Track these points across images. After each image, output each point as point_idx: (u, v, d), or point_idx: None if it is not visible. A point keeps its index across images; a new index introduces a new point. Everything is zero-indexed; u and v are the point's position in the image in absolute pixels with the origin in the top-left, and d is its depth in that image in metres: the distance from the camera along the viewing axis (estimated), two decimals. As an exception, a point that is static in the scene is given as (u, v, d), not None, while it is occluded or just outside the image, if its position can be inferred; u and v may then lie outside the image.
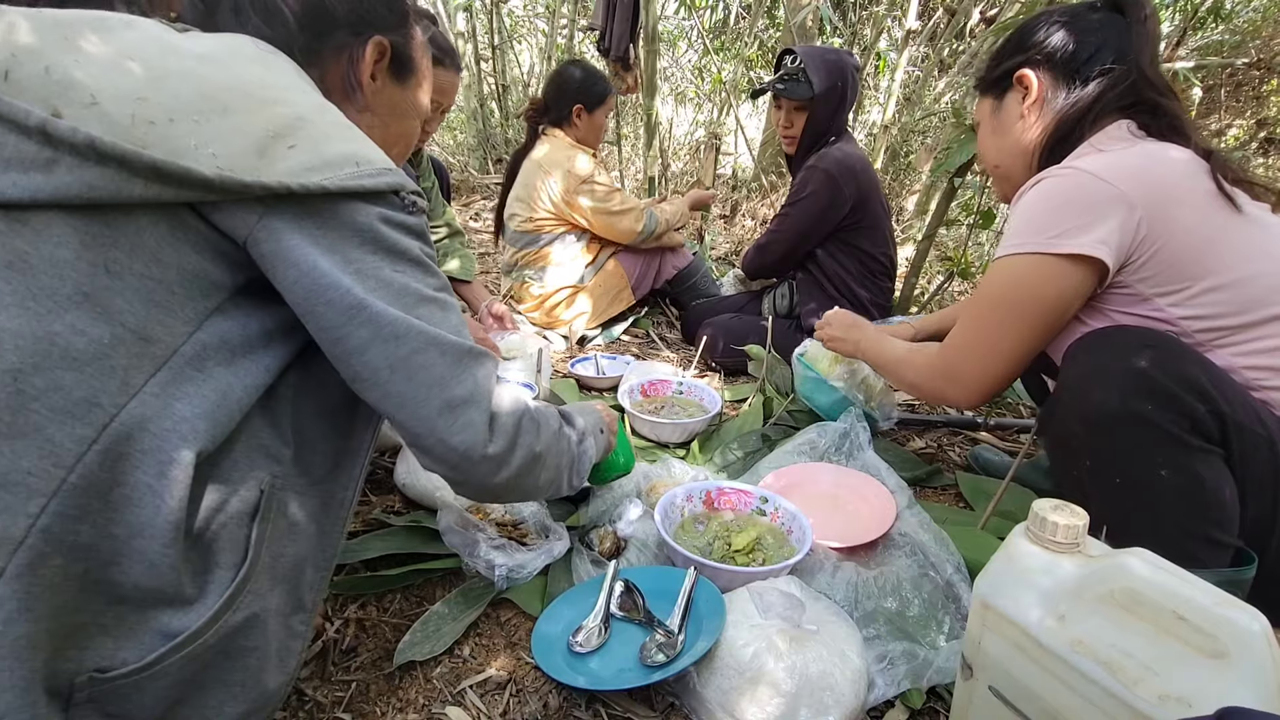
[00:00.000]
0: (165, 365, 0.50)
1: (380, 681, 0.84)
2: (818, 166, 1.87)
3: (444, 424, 0.62)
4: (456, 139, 6.05)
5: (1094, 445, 0.83)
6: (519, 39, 6.00)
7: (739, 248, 3.62)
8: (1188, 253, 0.85)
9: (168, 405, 0.50)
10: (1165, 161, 0.88)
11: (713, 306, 2.26)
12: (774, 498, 1.12)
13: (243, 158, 0.52)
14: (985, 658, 0.67)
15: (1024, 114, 1.02)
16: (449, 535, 1.02)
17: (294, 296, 0.57)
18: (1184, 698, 0.53)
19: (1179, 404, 0.77)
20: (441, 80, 1.62)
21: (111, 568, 0.48)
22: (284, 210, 0.54)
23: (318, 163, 0.55)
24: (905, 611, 0.92)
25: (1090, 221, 0.86)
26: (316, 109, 0.59)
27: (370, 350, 0.58)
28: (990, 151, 1.11)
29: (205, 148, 0.51)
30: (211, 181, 0.50)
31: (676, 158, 5.24)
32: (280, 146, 0.54)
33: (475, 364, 0.64)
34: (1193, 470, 0.78)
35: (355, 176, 0.57)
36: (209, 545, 0.53)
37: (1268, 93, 4.28)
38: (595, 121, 2.20)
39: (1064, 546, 0.63)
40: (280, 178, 0.53)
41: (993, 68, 1.07)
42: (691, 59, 6.29)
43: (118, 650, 0.49)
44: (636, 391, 1.66)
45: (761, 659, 0.78)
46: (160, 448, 0.49)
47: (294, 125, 0.56)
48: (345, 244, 0.57)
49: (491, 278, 2.82)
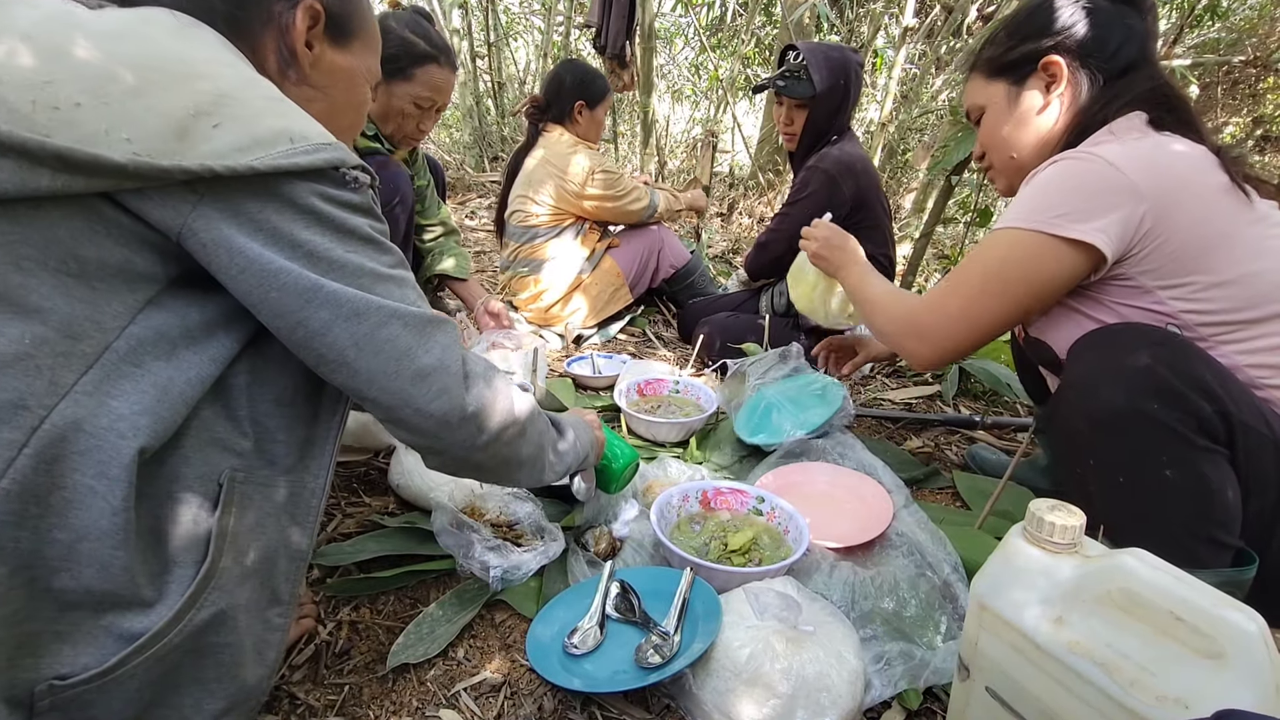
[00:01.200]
0: (97, 363, 0.48)
1: (374, 684, 0.84)
2: (818, 167, 1.87)
3: (418, 393, 0.61)
4: (452, 137, 6.04)
5: (1099, 444, 0.82)
6: (515, 36, 5.99)
7: (736, 246, 3.62)
8: (1193, 247, 0.84)
9: (102, 404, 0.48)
10: (1179, 154, 0.87)
11: (709, 305, 2.26)
12: (770, 498, 1.12)
13: (160, 140, 0.48)
14: (982, 658, 0.67)
15: (1049, 104, 0.98)
16: (444, 536, 1.02)
17: (241, 288, 0.54)
18: (1181, 699, 0.53)
19: (1186, 403, 0.76)
20: (437, 78, 1.61)
21: (60, 573, 0.46)
22: (218, 197, 0.51)
23: (246, 142, 0.51)
24: (902, 612, 0.92)
25: (1096, 209, 0.85)
26: (243, 83, 0.55)
27: (333, 331, 0.56)
28: (1004, 142, 1.05)
29: (117, 132, 0.47)
30: (125, 168, 0.47)
31: (673, 155, 5.23)
32: (203, 126, 0.50)
33: (438, 330, 0.63)
34: (1198, 470, 0.77)
35: (289, 154, 0.53)
36: (166, 544, 0.52)
37: (1264, 90, 4.29)
38: (596, 118, 2.23)
39: (1061, 547, 0.63)
40: (203, 160, 0.49)
41: (1007, 49, 1.01)
42: (688, 56, 6.28)
43: (76, 656, 0.48)
44: (633, 390, 1.66)
45: (758, 660, 0.78)
46: (98, 447, 0.47)
47: (217, 102, 0.52)
48: (290, 227, 0.54)
49: (488, 276, 2.81)
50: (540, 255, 2.20)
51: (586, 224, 2.25)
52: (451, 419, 0.64)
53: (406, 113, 1.64)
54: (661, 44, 5.75)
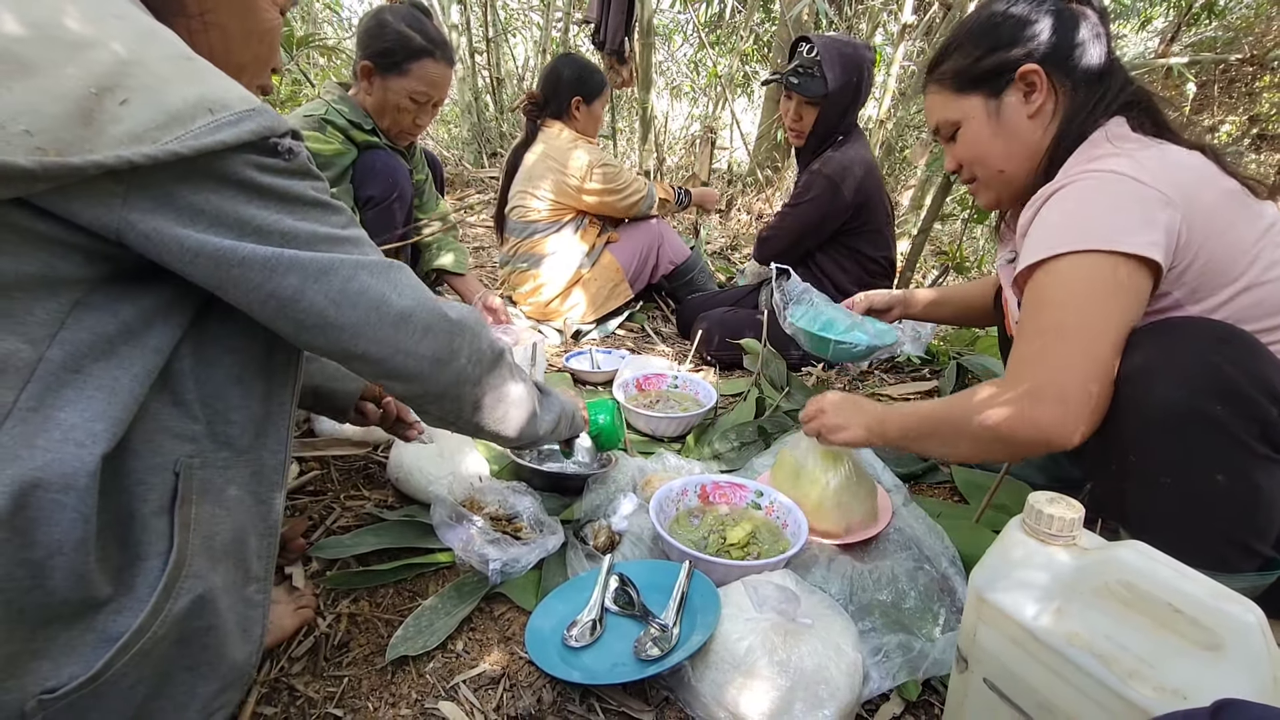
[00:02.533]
0: (33, 376, 0.46)
1: (372, 677, 0.84)
2: (821, 171, 1.85)
3: (404, 335, 0.61)
4: (451, 133, 6.03)
5: (1148, 441, 0.77)
6: (513, 32, 5.97)
7: (735, 242, 3.62)
8: (1220, 259, 0.82)
9: (49, 417, 0.46)
10: (1188, 165, 0.85)
11: (708, 300, 2.26)
12: (769, 492, 1.12)
13: (64, 128, 0.43)
14: (980, 650, 0.67)
15: (1033, 114, 0.95)
16: (442, 529, 1.01)
17: (199, 274, 0.51)
18: (1179, 690, 0.53)
19: (1253, 408, 0.72)
20: (433, 73, 1.61)
21: (34, 592, 0.45)
22: (145, 187, 0.47)
23: (161, 118, 0.46)
24: (901, 604, 0.92)
25: (1142, 223, 0.79)
26: (140, 38, 0.48)
27: (306, 294, 0.54)
28: (991, 156, 1.00)
29: (14, 124, 0.42)
30: (33, 172, 0.42)
31: (672, 152, 5.22)
32: (108, 105, 0.45)
33: (401, 273, 0.62)
34: (1251, 479, 0.73)
35: (213, 128, 0.48)
36: (131, 540, 0.51)
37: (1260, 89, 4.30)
38: (594, 113, 2.22)
39: (1059, 539, 0.63)
40: (118, 150, 0.44)
41: (976, 60, 0.97)
42: (687, 53, 6.27)
43: (59, 669, 0.47)
44: (631, 385, 1.66)
45: (756, 653, 0.78)
46: (59, 460, 0.45)
47: (119, 72, 0.46)
48: (231, 206, 0.51)
49: (486, 272, 2.80)
50: (540, 250, 2.19)
51: (586, 219, 2.25)
52: (442, 355, 0.64)
53: (403, 107, 1.64)
54: (660, 40, 5.74)
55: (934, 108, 1.05)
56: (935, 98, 1.04)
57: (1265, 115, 4.27)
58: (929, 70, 1.05)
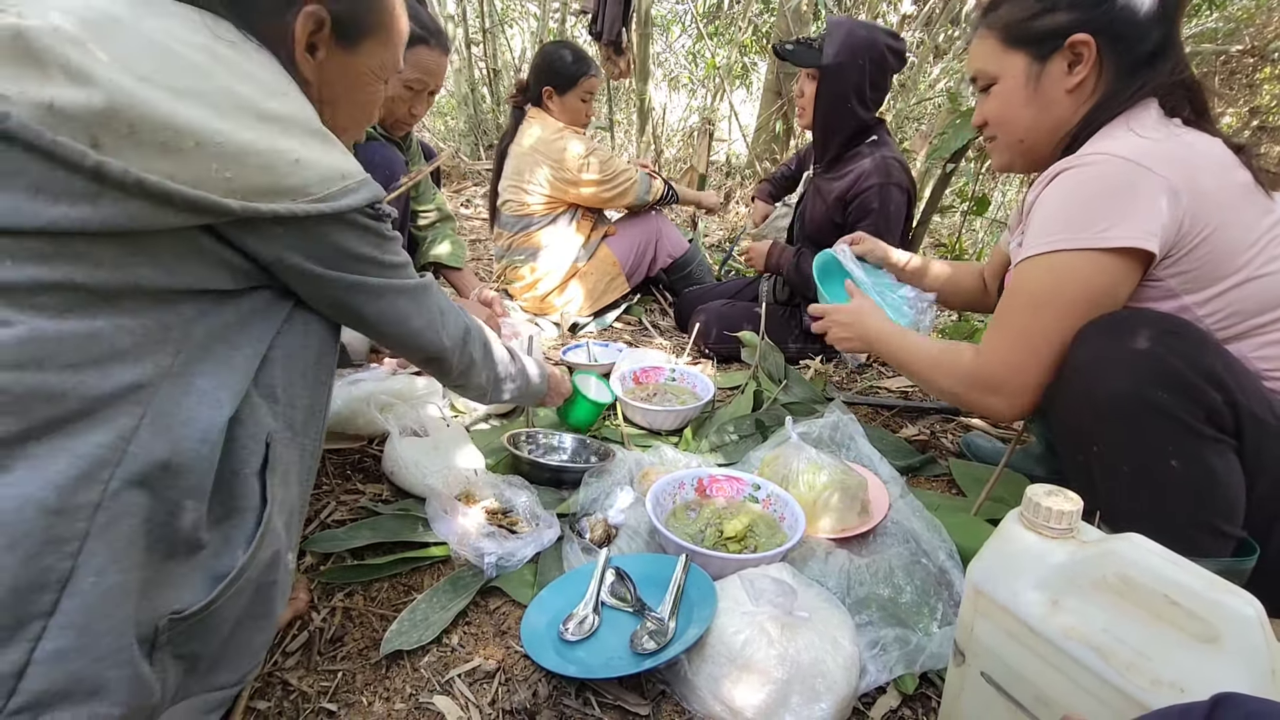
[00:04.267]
0: (183, 348, 0.57)
1: (367, 671, 0.83)
2: (888, 184, 1.75)
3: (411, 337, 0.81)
4: (447, 124, 5.99)
5: (1103, 431, 0.81)
6: (510, 23, 5.93)
7: (733, 235, 3.60)
8: (1222, 251, 0.81)
9: (191, 382, 0.57)
10: (1204, 154, 0.84)
11: (705, 293, 2.25)
12: (766, 484, 1.12)
13: (255, 177, 0.57)
14: (977, 644, 0.67)
15: (1072, 88, 0.91)
16: (437, 522, 1.01)
17: (304, 291, 0.68)
18: (1176, 683, 0.52)
19: (1195, 393, 0.75)
20: (427, 60, 1.59)
21: (168, 525, 0.54)
22: (300, 230, 0.63)
23: (316, 179, 0.61)
24: (898, 598, 0.92)
25: (1136, 210, 0.80)
26: (302, 115, 0.63)
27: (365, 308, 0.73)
28: (1019, 123, 0.97)
29: (223, 171, 0.55)
30: (235, 211, 0.56)
31: (670, 143, 5.20)
32: (285, 163, 0.59)
33: (425, 295, 0.82)
34: (1204, 461, 0.76)
35: (344, 192, 0.64)
36: (233, 494, 0.60)
37: (1261, 80, 4.28)
38: (567, 105, 2.13)
39: (1058, 532, 0.62)
40: (290, 206, 0.59)
41: (1034, 15, 0.91)
42: (685, 44, 6.23)
43: (181, 595, 0.56)
44: (629, 378, 1.65)
45: (753, 646, 0.78)
46: (196, 418, 0.56)
47: (287, 135, 0.60)
48: (349, 245, 0.68)
49: (483, 264, 2.79)
50: (534, 244, 2.18)
51: (580, 210, 2.22)
52: (432, 351, 0.85)
53: (398, 96, 1.62)
54: (658, 31, 5.71)
55: (977, 55, 1.01)
56: (981, 44, 1.00)
57: (1266, 107, 4.26)
58: (984, 10, 1.01)
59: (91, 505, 0.49)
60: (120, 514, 0.51)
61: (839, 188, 1.83)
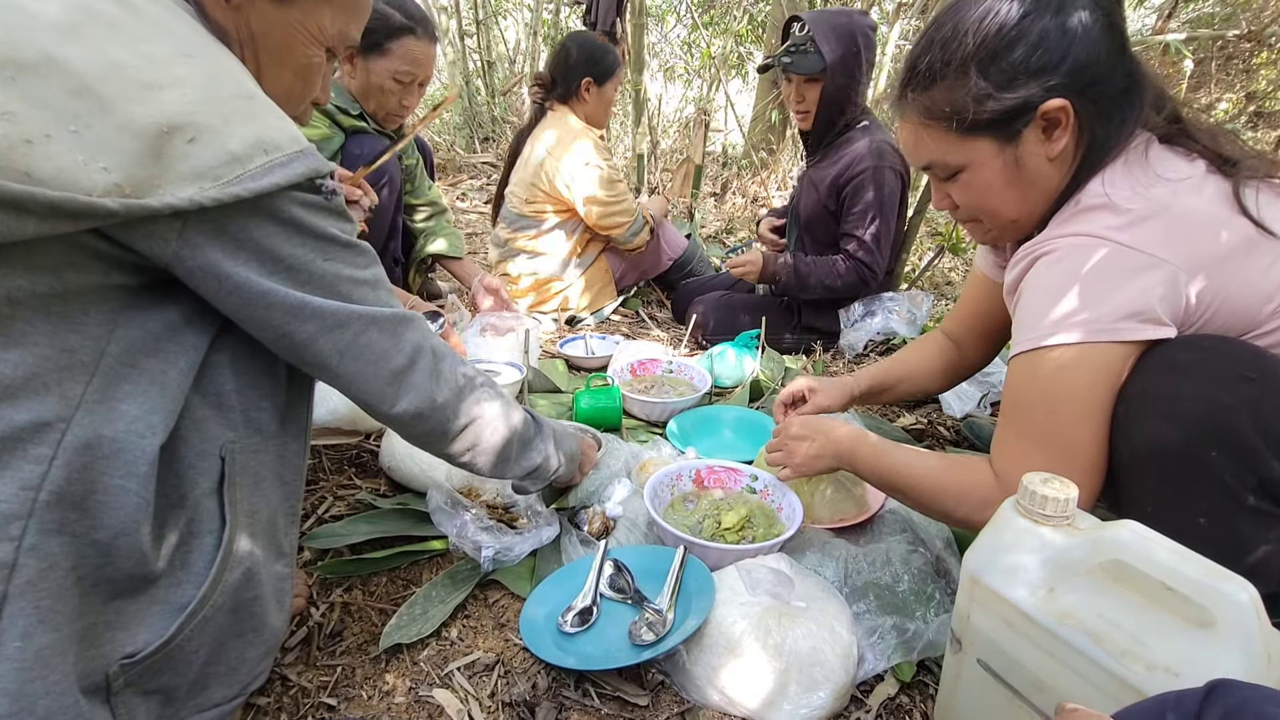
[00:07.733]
0: (97, 371, 0.50)
1: (366, 665, 0.84)
2: (881, 166, 1.75)
3: (393, 392, 0.68)
4: (442, 118, 5.95)
5: (1135, 470, 0.73)
6: (504, 14, 5.88)
7: (730, 225, 3.59)
8: (1239, 313, 0.74)
9: (113, 409, 0.51)
10: (1195, 216, 0.74)
11: (703, 285, 2.25)
12: (764, 475, 1.12)
13: (139, 165, 0.47)
14: (974, 631, 0.67)
15: (1056, 155, 0.80)
16: (437, 516, 1.01)
17: (228, 306, 0.56)
18: (1172, 668, 0.53)
19: (1253, 460, 0.66)
20: (415, 50, 1.57)
21: (103, 569, 0.50)
22: (202, 221, 0.52)
23: (223, 157, 0.50)
24: (895, 587, 0.92)
25: (1136, 299, 0.72)
26: (208, 78, 0.52)
27: (318, 341, 0.61)
28: (1006, 205, 0.85)
29: (94, 162, 0.46)
30: (117, 213, 0.47)
31: (665, 134, 5.18)
32: (177, 143, 0.49)
33: (408, 329, 0.68)
34: (1235, 528, 0.68)
35: (267, 169, 0.53)
36: (186, 520, 0.55)
37: (1257, 65, 4.27)
38: (605, 96, 2.11)
39: (1054, 520, 0.62)
40: (189, 193, 0.49)
41: (983, 98, 0.78)
42: (680, 34, 6.20)
43: (134, 636, 0.52)
44: (626, 371, 1.65)
45: (751, 636, 0.78)
46: (122, 450, 0.50)
47: (188, 111, 0.50)
48: (272, 242, 0.56)
49: (480, 258, 2.78)
50: (532, 247, 2.16)
51: (581, 224, 2.14)
52: (425, 410, 0.71)
53: (386, 89, 1.60)
54: (653, 21, 5.67)
55: (924, 145, 0.86)
56: (925, 133, 0.84)
57: (1262, 92, 4.25)
58: (906, 85, 0.85)
59: (6, 565, 0.45)
60: (41, 569, 0.46)
61: (831, 174, 1.83)
